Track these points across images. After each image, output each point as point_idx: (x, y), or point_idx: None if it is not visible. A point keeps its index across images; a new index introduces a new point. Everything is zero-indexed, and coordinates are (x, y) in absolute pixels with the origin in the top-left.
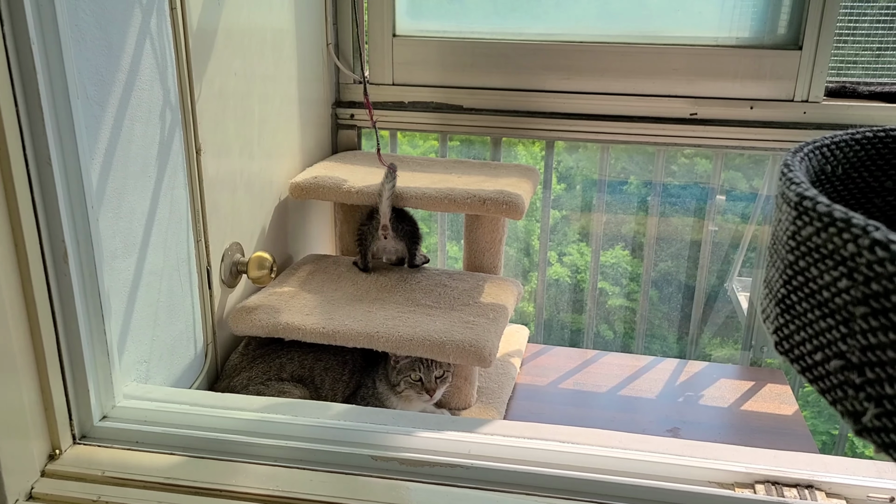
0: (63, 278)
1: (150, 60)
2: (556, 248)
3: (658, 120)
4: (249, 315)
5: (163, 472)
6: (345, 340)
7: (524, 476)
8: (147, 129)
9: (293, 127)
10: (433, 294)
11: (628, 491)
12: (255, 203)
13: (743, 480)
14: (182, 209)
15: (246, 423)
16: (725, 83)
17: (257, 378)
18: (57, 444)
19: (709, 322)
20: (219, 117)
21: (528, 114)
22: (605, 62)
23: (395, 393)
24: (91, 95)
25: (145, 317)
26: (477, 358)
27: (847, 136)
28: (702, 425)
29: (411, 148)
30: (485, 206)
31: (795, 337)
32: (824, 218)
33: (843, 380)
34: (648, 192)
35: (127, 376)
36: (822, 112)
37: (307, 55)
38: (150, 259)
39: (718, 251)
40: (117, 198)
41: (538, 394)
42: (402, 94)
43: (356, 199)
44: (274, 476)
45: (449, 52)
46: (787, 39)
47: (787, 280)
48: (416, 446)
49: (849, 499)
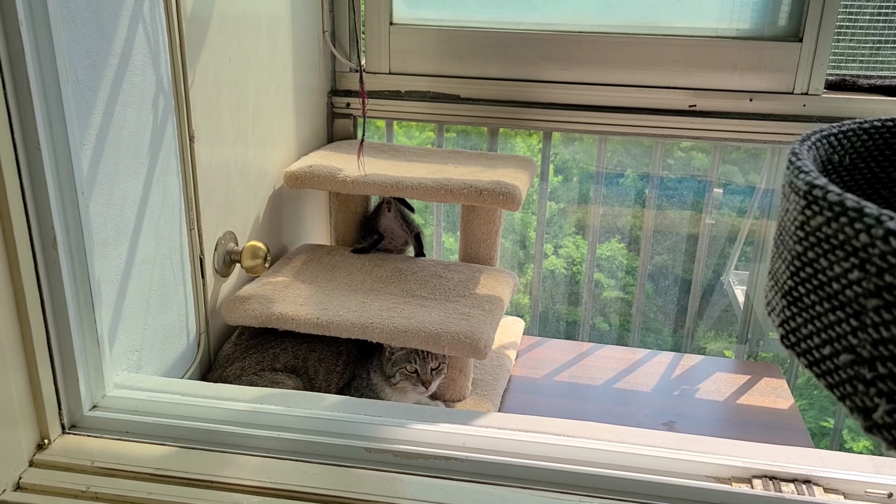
0: (52, 265)
1: (143, 45)
2: (552, 240)
3: (657, 111)
4: (243, 305)
5: (153, 462)
6: (339, 331)
7: (520, 469)
8: (139, 115)
9: (288, 115)
10: (429, 285)
11: (624, 485)
12: (249, 192)
13: (740, 475)
14: (175, 197)
15: (239, 414)
16: (725, 75)
17: (250, 368)
18: (46, 433)
19: (705, 316)
20: (213, 104)
21: (526, 104)
22: (604, 52)
23: (389, 384)
24: (82, 79)
25: (137, 305)
26: (472, 350)
27: (855, 125)
28: (697, 419)
29: (407, 139)
30: (481, 197)
31: (802, 330)
32: (835, 207)
33: (853, 375)
34: (645, 185)
35: (118, 365)
36: (822, 105)
37: (303, 43)
38: (142, 247)
39: (715, 245)
40: (108, 184)
41: (533, 386)
42: (398, 84)
43: (351, 188)
44: (266, 468)
45: (446, 41)
46: (787, 31)
47: (795, 272)
48: (411, 438)
49: (847, 494)
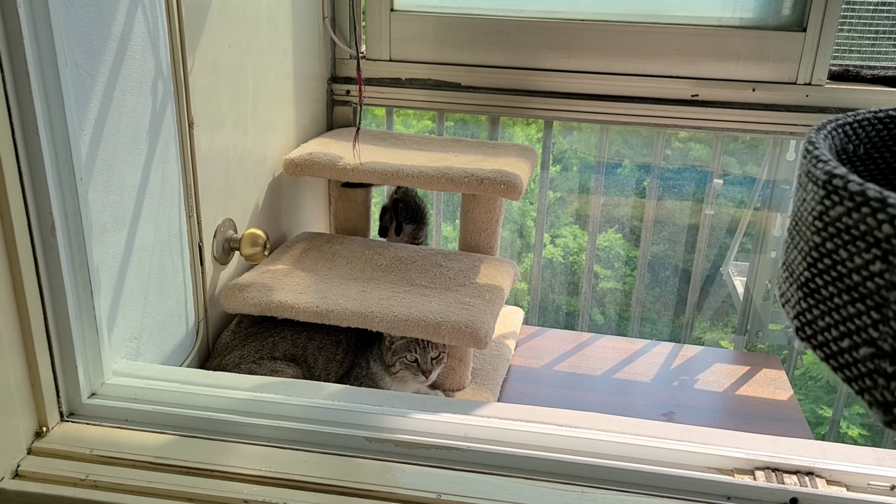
0: (51, 251)
1: (142, 29)
2: (550, 230)
3: (659, 101)
4: (242, 293)
5: (152, 451)
6: (338, 320)
7: (521, 460)
8: (138, 100)
9: (288, 102)
10: (429, 274)
11: (626, 476)
12: (248, 179)
13: (742, 467)
14: (174, 183)
15: (238, 403)
16: (728, 64)
17: (249, 356)
18: (44, 421)
19: (704, 306)
20: (212, 90)
21: (527, 93)
22: (606, 41)
23: (389, 373)
24: (80, 63)
25: (135, 292)
26: (473, 339)
27: (870, 114)
28: (696, 410)
29: (405, 128)
30: (482, 185)
31: (819, 322)
32: (856, 197)
33: (872, 368)
34: (643, 175)
35: (116, 353)
36: (825, 95)
37: (303, 29)
38: (141, 234)
39: (715, 235)
40: (107, 170)
41: (532, 376)
42: (399, 71)
43: (351, 176)
44: (266, 456)
45: (448, 28)
46: (791, 21)
47: (812, 263)
48: (412, 428)
49: (849, 486)
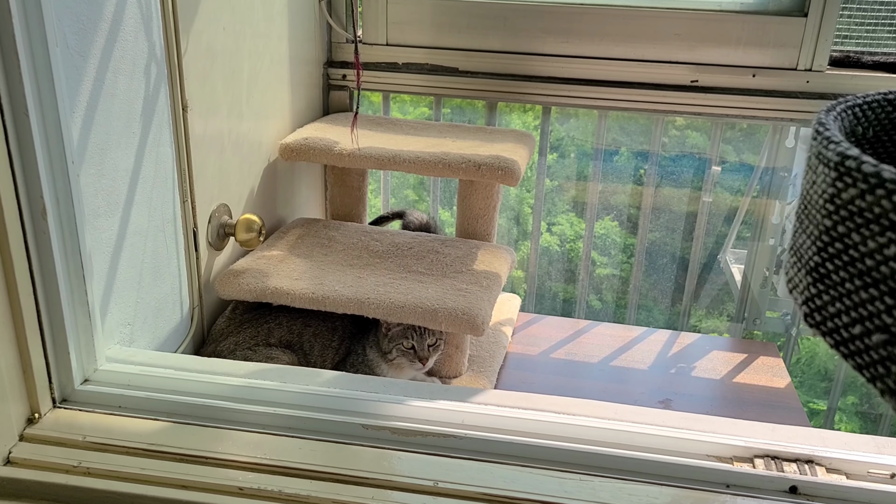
0: (42, 236)
1: (135, 10)
2: (546, 217)
3: (658, 87)
4: (237, 279)
5: (146, 437)
6: (334, 306)
7: (519, 447)
8: (131, 82)
9: (283, 86)
10: (425, 260)
11: (625, 463)
12: (243, 164)
13: (741, 454)
14: (168, 168)
15: (233, 389)
16: (728, 50)
17: (245, 343)
18: (36, 407)
19: (701, 294)
20: (206, 74)
21: (525, 78)
22: (605, 26)
23: (385, 360)
24: (72, 44)
25: (129, 278)
26: (470, 326)
27: (879, 96)
28: (694, 397)
29: (402, 114)
30: (480, 171)
31: (829, 308)
32: (871, 179)
33: (885, 355)
34: (640, 162)
35: (110, 339)
36: (826, 81)
37: (299, 12)
38: (135, 219)
39: (712, 223)
40: (100, 153)
41: (529, 363)
42: (395, 55)
43: (347, 162)
44: (261, 444)
45: (445, 12)
46: (792, 6)
47: (823, 247)
48: (409, 415)
49: (849, 474)
